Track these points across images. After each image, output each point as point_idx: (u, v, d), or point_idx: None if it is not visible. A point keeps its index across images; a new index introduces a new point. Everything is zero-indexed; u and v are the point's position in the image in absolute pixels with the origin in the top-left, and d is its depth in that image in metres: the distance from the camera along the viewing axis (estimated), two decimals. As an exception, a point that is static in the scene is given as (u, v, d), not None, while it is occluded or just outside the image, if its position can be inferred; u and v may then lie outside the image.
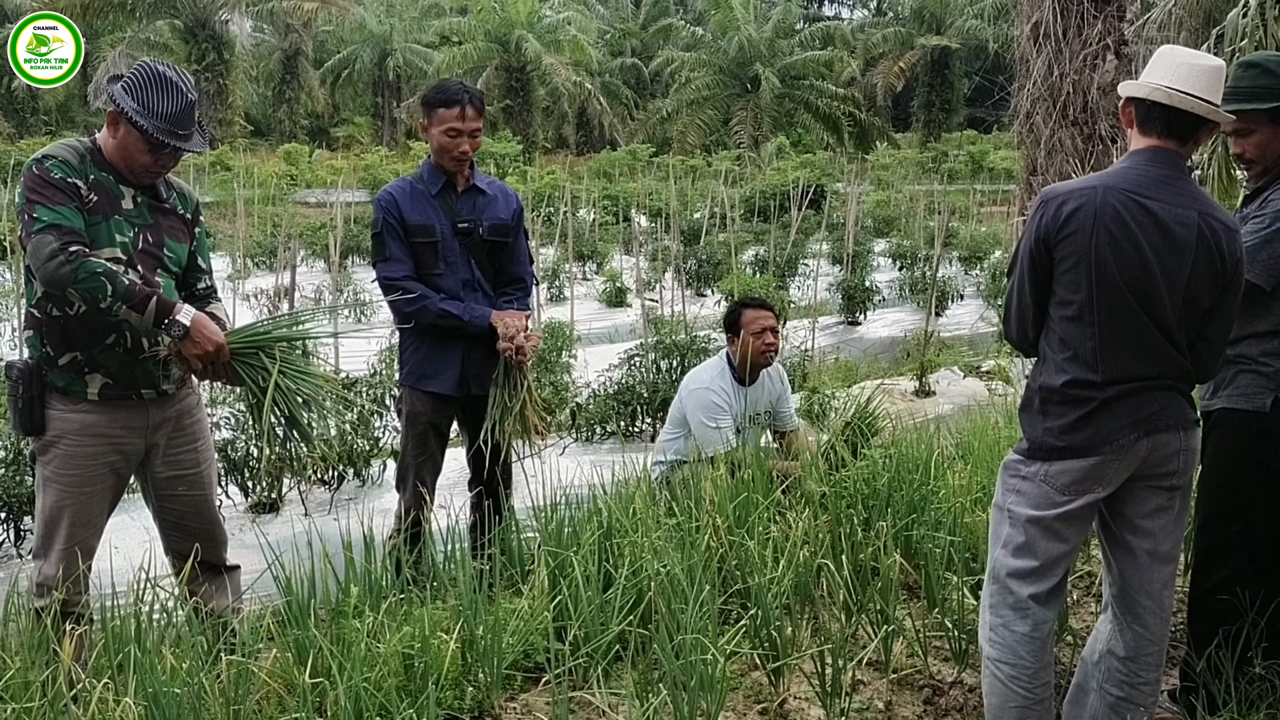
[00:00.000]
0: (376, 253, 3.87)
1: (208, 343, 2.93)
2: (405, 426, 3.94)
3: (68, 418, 3.00)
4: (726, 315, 4.83)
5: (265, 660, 2.65)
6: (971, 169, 30.45)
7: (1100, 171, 2.63)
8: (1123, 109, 2.64)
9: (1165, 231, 2.49)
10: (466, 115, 3.77)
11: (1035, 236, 2.55)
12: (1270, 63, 2.96)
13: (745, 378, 4.65)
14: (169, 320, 2.88)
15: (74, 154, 2.99)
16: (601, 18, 46.03)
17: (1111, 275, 2.48)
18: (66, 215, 2.86)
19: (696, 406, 4.56)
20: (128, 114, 2.93)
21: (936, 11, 38.13)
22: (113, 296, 2.81)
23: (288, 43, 39.45)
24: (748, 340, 4.59)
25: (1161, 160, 2.56)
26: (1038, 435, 2.59)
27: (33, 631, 2.74)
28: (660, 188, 22.16)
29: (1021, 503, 2.59)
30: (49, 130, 33.88)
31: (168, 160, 3.08)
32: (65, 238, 2.82)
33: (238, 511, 5.52)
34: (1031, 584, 2.59)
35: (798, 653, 3.02)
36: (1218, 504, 2.96)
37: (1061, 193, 2.56)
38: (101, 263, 2.83)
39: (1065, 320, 2.54)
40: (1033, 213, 2.58)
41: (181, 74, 3.04)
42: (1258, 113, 2.91)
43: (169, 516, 3.22)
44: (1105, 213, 2.48)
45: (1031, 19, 10.85)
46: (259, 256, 15.95)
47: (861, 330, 12.75)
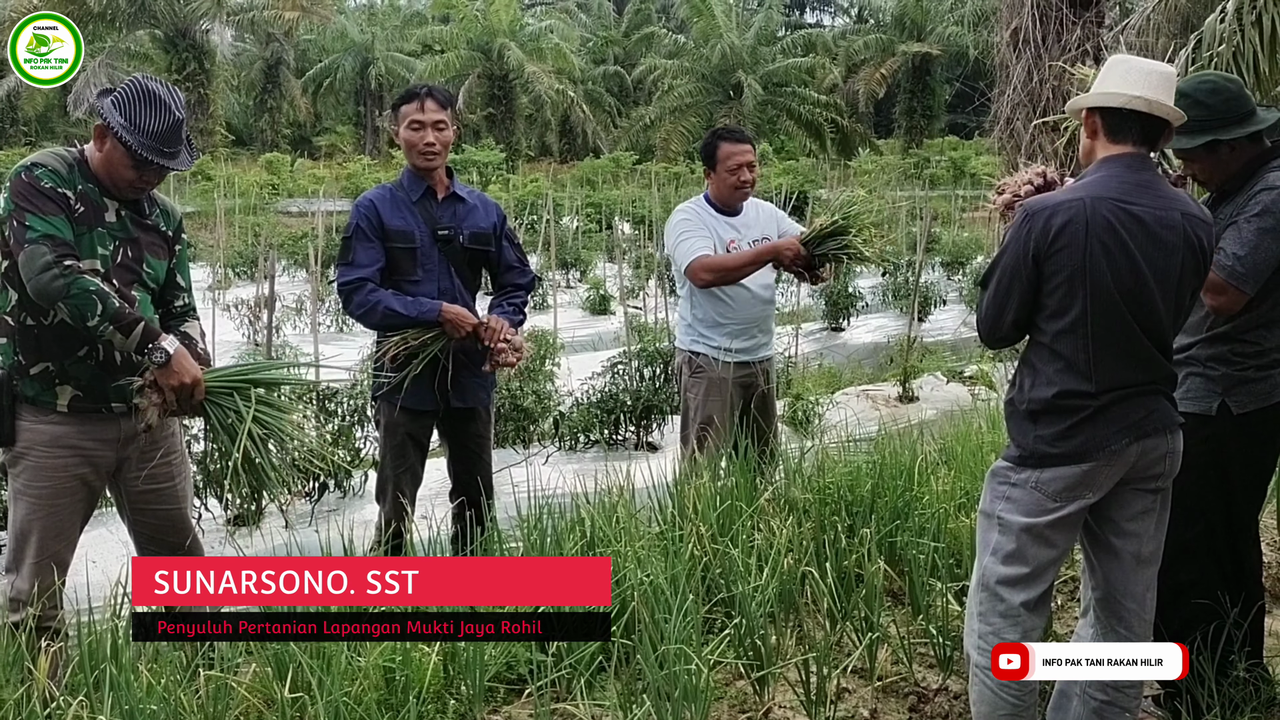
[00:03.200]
0: (341, 257, 3.87)
1: (186, 374, 2.91)
2: (383, 438, 3.92)
3: (37, 429, 2.98)
4: (703, 147, 4.57)
5: (244, 675, 2.63)
6: (953, 174, 30.57)
7: (1079, 182, 2.61)
8: (1086, 119, 2.61)
9: (1153, 237, 2.49)
10: (426, 107, 3.79)
11: (1022, 251, 2.51)
12: (1201, 91, 2.91)
13: (729, 210, 4.50)
14: (153, 346, 2.87)
15: (63, 163, 2.98)
16: (584, 26, 46.09)
17: (1106, 286, 2.47)
18: (58, 226, 2.85)
19: (670, 230, 4.46)
20: (115, 129, 2.92)
21: (917, 18, 38.28)
22: (101, 316, 2.81)
23: (269, 52, 39.34)
24: (724, 175, 4.43)
25: (1139, 165, 2.57)
26: (1028, 443, 2.57)
27: (7, 648, 2.70)
28: (643, 195, 22.17)
29: (1012, 510, 2.58)
30: (29, 141, 33.66)
31: (153, 177, 3.06)
32: (59, 250, 2.81)
33: (217, 524, 5.47)
34: (1022, 591, 2.58)
35: (782, 661, 3.01)
36: (1176, 507, 2.97)
37: (1048, 206, 2.52)
38: (95, 282, 2.83)
39: (1058, 333, 2.52)
40: (1017, 226, 2.55)
41: (172, 91, 3.03)
42: (1192, 150, 2.92)
43: (144, 530, 3.19)
44: (1096, 224, 2.46)
45: (1011, 25, 10.89)
46: (240, 266, 15.88)
47: (845, 336, 12.78)
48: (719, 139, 4.51)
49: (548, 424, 7.39)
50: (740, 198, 4.52)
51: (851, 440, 4.74)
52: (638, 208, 21.18)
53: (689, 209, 4.51)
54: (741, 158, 4.42)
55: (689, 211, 4.49)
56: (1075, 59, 9.95)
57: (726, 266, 4.32)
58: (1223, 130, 2.89)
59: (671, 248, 4.42)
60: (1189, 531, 2.97)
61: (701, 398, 4.36)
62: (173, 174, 3.32)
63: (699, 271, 4.28)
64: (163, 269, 3.19)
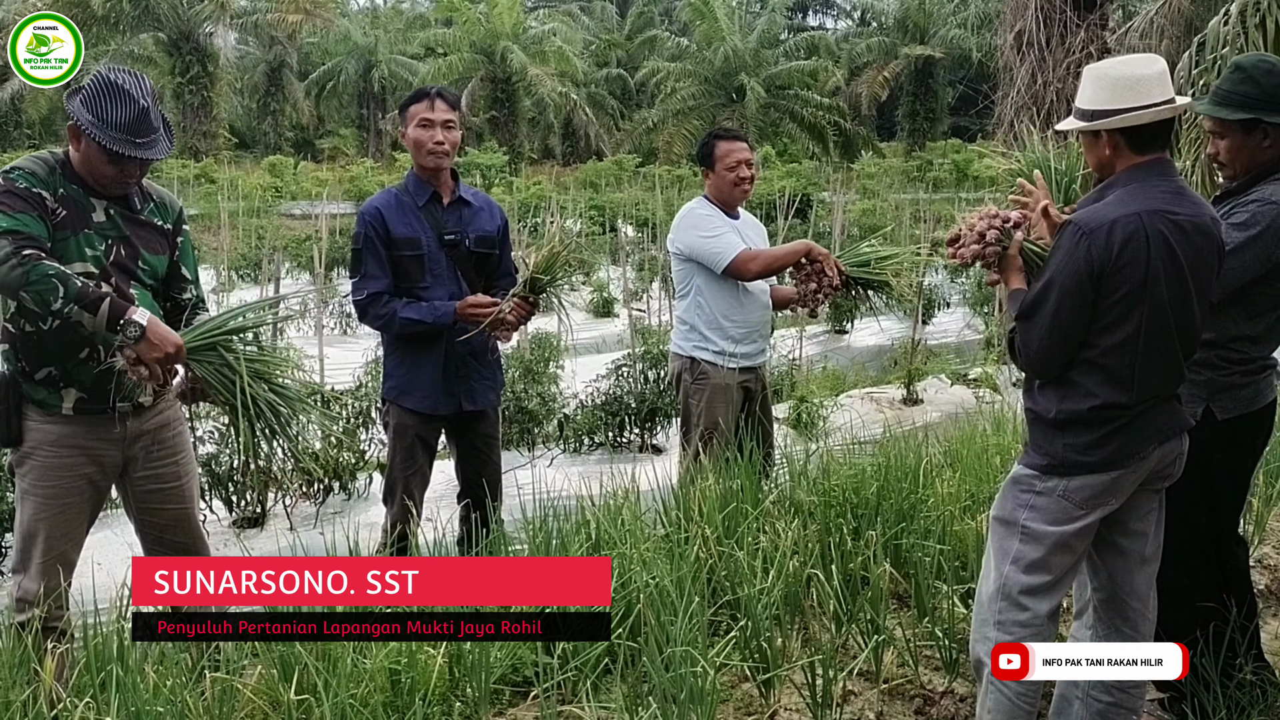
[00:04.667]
0: (353, 269, 3.86)
1: (166, 344, 2.81)
2: (393, 440, 3.92)
3: (44, 429, 2.98)
4: (700, 149, 4.53)
5: (250, 677, 2.63)
6: (956, 177, 30.55)
7: (1117, 194, 2.53)
8: (1108, 135, 2.55)
9: (1193, 245, 2.49)
10: (436, 106, 3.79)
11: (1083, 270, 2.44)
12: (1259, 70, 2.89)
13: (729, 211, 4.47)
14: (124, 321, 2.76)
15: (43, 166, 2.95)
16: (587, 29, 46.09)
17: (1161, 299, 2.46)
18: (25, 222, 2.81)
19: (689, 230, 4.37)
20: (84, 127, 2.89)
21: (920, 21, 38.29)
22: (64, 298, 2.72)
23: (272, 55, 39.41)
24: (723, 175, 4.40)
25: (1169, 170, 2.57)
26: (1057, 451, 2.55)
27: (14, 649, 2.70)
28: (646, 198, 22.16)
29: (1037, 518, 2.56)
30: (32, 143, 33.71)
31: (134, 170, 3.01)
32: (19, 242, 2.75)
33: (222, 526, 5.48)
34: (1046, 599, 2.58)
35: (788, 664, 3.00)
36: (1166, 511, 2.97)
37: (1104, 221, 2.46)
38: (54, 265, 2.75)
39: (1110, 348, 2.48)
40: (1072, 245, 2.46)
41: (139, 79, 2.96)
42: (1230, 121, 2.91)
43: (150, 530, 3.19)
44: (1155, 237, 2.44)
45: (1015, 28, 10.90)
46: (244, 269, 15.89)
47: (849, 339, 12.77)
48: (715, 138, 4.50)
49: (552, 426, 7.40)
50: (741, 196, 4.50)
51: (856, 443, 4.75)
52: (641, 210, 21.18)
53: (705, 207, 4.45)
54: (739, 154, 4.41)
55: (707, 208, 4.43)
56: (1079, 61, 9.95)
57: (774, 256, 4.31)
58: (1267, 112, 2.86)
59: (697, 247, 4.32)
60: (1179, 535, 2.97)
61: (705, 403, 4.35)
62: (176, 177, 3.30)
63: (747, 263, 4.23)
64: (162, 263, 3.16)
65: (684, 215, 4.47)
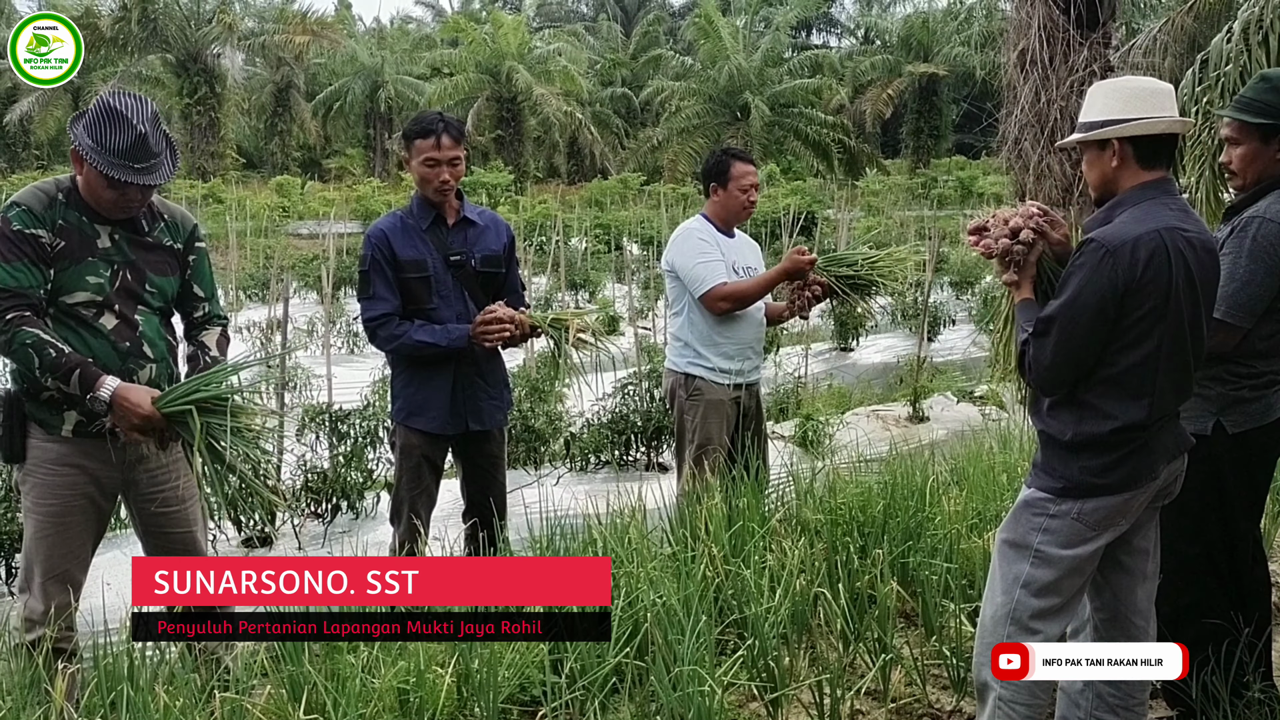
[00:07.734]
0: (361, 291, 3.88)
1: (133, 415, 2.88)
2: (399, 460, 3.93)
3: (45, 447, 3.00)
4: (714, 165, 4.51)
5: (259, 697, 2.63)
6: (961, 194, 30.59)
7: (1130, 212, 2.53)
8: (1118, 147, 2.55)
9: (1203, 264, 2.51)
10: (443, 144, 3.76)
11: (1107, 288, 2.43)
12: None
13: (727, 231, 4.51)
14: (92, 396, 2.86)
15: (42, 199, 2.96)
16: (592, 48, 46.32)
17: (1181, 316, 2.47)
18: (15, 273, 2.85)
19: (681, 252, 4.41)
20: (83, 152, 2.90)
21: (924, 39, 38.44)
22: (40, 369, 2.83)
23: (279, 75, 39.65)
24: (734, 194, 4.44)
25: (1173, 190, 2.59)
26: (1073, 474, 2.54)
27: (24, 670, 2.71)
28: (652, 216, 22.23)
29: (1051, 542, 2.55)
30: (40, 164, 33.92)
31: (135, 195, 2.99)
32: (5, 304, 2.82)
33: (230, 546, 5.48)
34: (1056, 623, 2.59)
35: (795, 683, 3.00)
36: (1174, 526, 2.96)
37: (1127, 239, 2.45)
38: (34, 334, 2.83)
39: (1130, 366, 2.47)
40: (1095, 264, 2.45)
41: (141, 103, 2.96)
42: (1250, 125, 2.94)
43: (158, 552, 3.20)
44: (1176, 257, 2.45)
45: (1018, 46, 10.91)
46: (251, 289, 15.95)
47: (854, 356, 12.75)
48: (732, 158, 4.51)
49: (558, 445, 7.40)
50: (744, 218, 4.57)
51: (862, 460, 4.74)
52: (646, 228, 21.22)
53: (700, 228, 4.48)
54: (752, 178, 4.47)
55: (703, 232, 4.46)
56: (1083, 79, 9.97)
57: (744, 293, 4.33)
58: None
59: (685, 269, 4.37)
60: (1190, 551, 2.97)
61: (700, 419, 4.36)
62: (184, 197, 3.31)
63: (717, 301, 4.29)
64: (171, 285, 3.16)
65: (680, 234, 4.51)
